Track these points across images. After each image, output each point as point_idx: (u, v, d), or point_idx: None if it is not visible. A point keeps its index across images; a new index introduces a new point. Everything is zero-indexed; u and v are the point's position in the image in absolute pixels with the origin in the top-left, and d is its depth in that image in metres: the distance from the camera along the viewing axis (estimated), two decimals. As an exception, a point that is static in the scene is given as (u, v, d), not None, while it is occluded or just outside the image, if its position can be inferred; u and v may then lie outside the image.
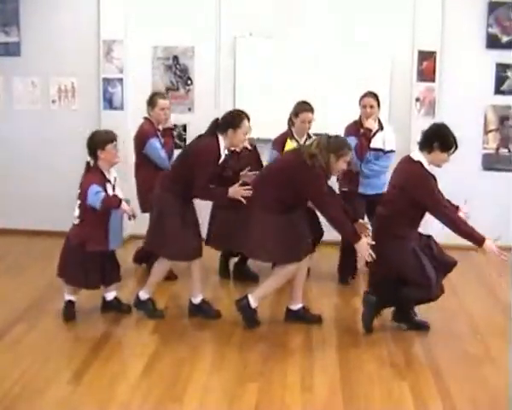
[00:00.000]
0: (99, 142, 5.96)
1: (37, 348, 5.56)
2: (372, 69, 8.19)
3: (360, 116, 7.20)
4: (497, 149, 8.85)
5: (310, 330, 5.97)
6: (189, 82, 8.75)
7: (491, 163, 8.80)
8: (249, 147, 7.19)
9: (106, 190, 5.89)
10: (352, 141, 6.77)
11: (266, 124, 7.44)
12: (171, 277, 7.11)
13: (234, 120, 5.98)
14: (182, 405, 4.62)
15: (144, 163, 7.22)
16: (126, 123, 8.79)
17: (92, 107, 8.91)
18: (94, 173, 5.96)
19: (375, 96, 7.20)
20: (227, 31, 8.66)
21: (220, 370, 5.19)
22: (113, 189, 6.04)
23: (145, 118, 7.32)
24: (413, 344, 5.79)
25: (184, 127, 8.85)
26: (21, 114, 9.06)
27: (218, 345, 5.67)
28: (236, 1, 8.70)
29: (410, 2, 8.56)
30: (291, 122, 7.10)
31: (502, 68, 8.68)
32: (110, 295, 6.29)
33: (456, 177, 8.58)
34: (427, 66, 8.52)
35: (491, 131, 8.80)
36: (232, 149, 6.43)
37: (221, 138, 5.93)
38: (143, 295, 6.23)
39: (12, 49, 8.98)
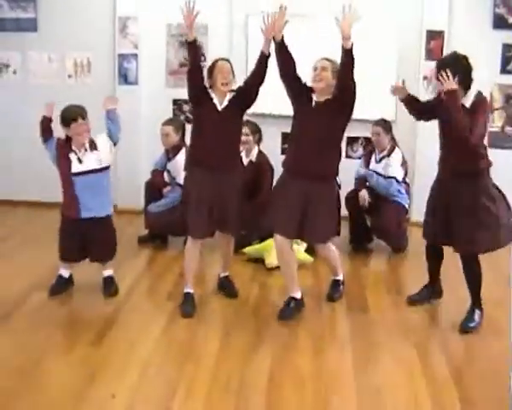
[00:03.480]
0: (64, 120, 5.98)
1: (56, 314, 5.75)
2: (381, 49, 8.34)
3: None
4: (503, 127, 9.01)
5: (320, 298, 6.19)
6: (203, 58, 8.89)
7: (496, 141, 8.94)
8: (253, 159, 7.50)
9: (69, 159, 5.91)
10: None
11: (277, 101, 7.59)
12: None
13: None
14: (198, 365, 4.83)
15: None
16: (141, 98, 8.99)
17: (107, 82, 9.10)
18: (62, 140, 6.06)
19: (383, 124, 7.63)
20: (239, 9, 8.81)
21: (234, 335, 5.38)
22: (79, 161, 5.92)
23: None
24: (420, 313, 5.95)
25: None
26: (37, 89, 9.21)
27: (232, 311, 5.88)
28: (249, -21, 8.83)
29: (418, -18, 8.72)
30: None
31: (508, 48, 8.81)
32: (104, 273, 6.22)
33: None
34: (435, 45, 8.66)
35: (496, 109, 8.96)
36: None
37: None
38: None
39: (29, 25, 9.17)
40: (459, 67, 5.36)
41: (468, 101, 5.40)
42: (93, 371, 4.75)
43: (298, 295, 5.82)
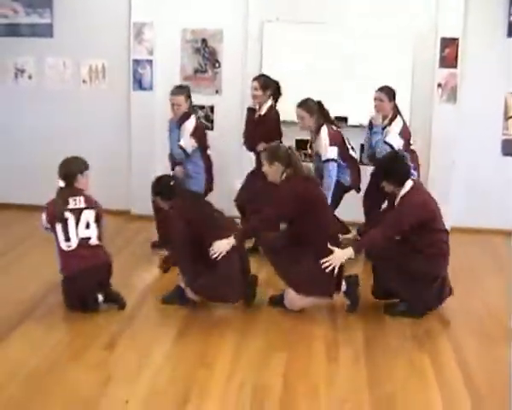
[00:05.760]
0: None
1: (70, 318, 5.79)
2: (395, 55, 8.33)
3: None
4: (517, 134, 8.99)
5: (334, 306, 6.15)
6: (217, 65, 8.92)
7: (510, 149, 8.92)
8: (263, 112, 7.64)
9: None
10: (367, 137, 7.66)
11: (292, 108, 7.64)
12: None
13: None
14: (213, 371, 4.84)
15: None
16: (155, 103, 9.01)
17: (122, 87, 9.12)
18: None
19: (387, 91, 7.51)
20: (255, 15, 8.78)
21: (248, 340, 5.39)
22: None
23: None
24: (433, 321, 5.96)
25: (212, 108, 9.05)
26: (52, 94, 9.29)
27: (244, 319, 5.87)
28: (264, -14, 8.84)
29: (433, -11, 8.71)
30: None
31: (522, 56, 8.81)
32: None
33: (476, 162, 8.81)
34: (449, 52, 8.66)
35: (510, 117, 8.93)
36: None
37: None
38: None
39: (44, 31, 9.19)
40: (390, 173, 6.03)
41: (402, 191, 5.97)
42: (106, 375, 4.79)
43: None
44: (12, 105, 9.41)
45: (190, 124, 7.54)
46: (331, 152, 7.31)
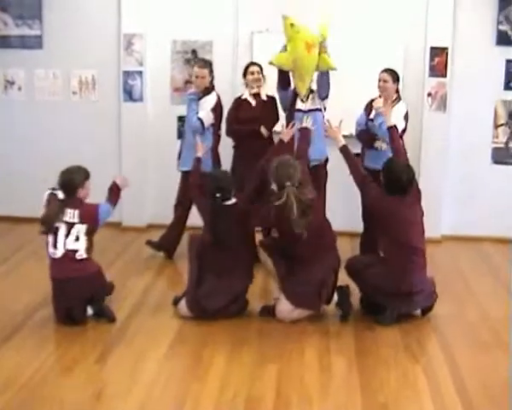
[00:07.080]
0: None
1: (62, 331, 5.76)
2: (385, 65, 8.32)
3: None
4: (507, 143, 8.99)
5: (326, 316, 6.14)
6: (209, 75, 8.92)
7: (500, 157, 8.95)
8: (264, 98, 7.72)
9: None
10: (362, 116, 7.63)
11: (281, 118, 7.65)
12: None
13: None
14: (205, 384, 4.82)
15: None
16: (146, 114, 9.00)
17: (112, 99, 9.11)
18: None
19: (391, 72, 7.45)
20: (244, 26, 8.81)
21: (240, 352, 5.37)
22: None
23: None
24: (425, 330, 5.98)
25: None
26: (42, 105, 9.27)
27: (237, 330, 5.84)
28: (254, -4, 8.86)
29: (422, -1, 8.75)
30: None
31: (511, 65, 8.85)
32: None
33: (467, 170, 8.84)
34: (438, 61, 8.69)
35: (500, 125, 8.96)
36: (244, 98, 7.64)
37: None
38: None
39: (34, 42, 9.17)
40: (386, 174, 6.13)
41: None
42: (99, 388, 4.78)
43: None
44: (2, 117, 9.38)
45: (212, 99, 7.62)
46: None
